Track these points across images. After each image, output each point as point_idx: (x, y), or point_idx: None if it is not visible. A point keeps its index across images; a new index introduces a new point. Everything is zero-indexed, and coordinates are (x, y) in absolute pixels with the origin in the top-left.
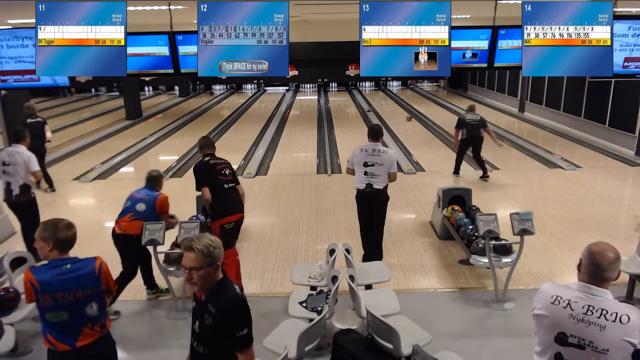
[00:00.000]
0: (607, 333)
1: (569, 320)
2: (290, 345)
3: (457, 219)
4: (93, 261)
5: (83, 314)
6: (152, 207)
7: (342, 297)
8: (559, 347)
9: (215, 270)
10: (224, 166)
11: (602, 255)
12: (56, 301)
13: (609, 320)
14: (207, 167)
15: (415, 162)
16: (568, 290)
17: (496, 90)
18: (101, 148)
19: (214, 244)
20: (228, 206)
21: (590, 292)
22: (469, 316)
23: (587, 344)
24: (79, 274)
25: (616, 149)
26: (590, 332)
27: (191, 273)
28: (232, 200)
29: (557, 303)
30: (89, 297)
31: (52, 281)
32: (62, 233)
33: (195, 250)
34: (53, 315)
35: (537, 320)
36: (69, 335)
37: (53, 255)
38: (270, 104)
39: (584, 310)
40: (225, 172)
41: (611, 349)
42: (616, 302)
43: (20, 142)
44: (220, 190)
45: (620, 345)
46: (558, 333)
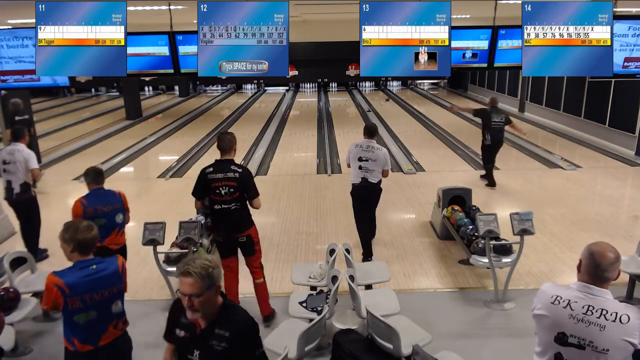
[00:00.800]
0: (607, 333)
1: (569, 320)
2: (290, 345)
3: (457, 219)
4: (115, 260)
5: (110, 312)
6: (124, 211)
7: (342, 297)
8: (559, 347)
9: (215, 292)
10: (223, 184)
11: (602, 255)
12: (85, 302)
13: (609, 320)
14: (203, 179)
15: (415, 162)
16: (568, 290)
17: (496, 90)
18: (101, 148)
19: (211, 263)
20: (216, 225)
21: (590, 292)
22: (469, 316)
23: (587, 344)
24: (105, 273)
25: (616, 149)
26: (590, 332)
27: (192, 300)
28: (222, 221)
29: (557, 303)
30: (115, 295)
31: (80, 283)
32: (81, 235)
33: (193, 274)
34: (82, 316)
35: (537, 320)
36: (94, 335)
37: (76, 257)
38: (270, 104)
39: (584, 310)
40: (220, 191)
41: (611, 349)
42: (616, 302)
43: (19, 140)
44: (212, 208)
45: (620, 345)
46: (558, 333)
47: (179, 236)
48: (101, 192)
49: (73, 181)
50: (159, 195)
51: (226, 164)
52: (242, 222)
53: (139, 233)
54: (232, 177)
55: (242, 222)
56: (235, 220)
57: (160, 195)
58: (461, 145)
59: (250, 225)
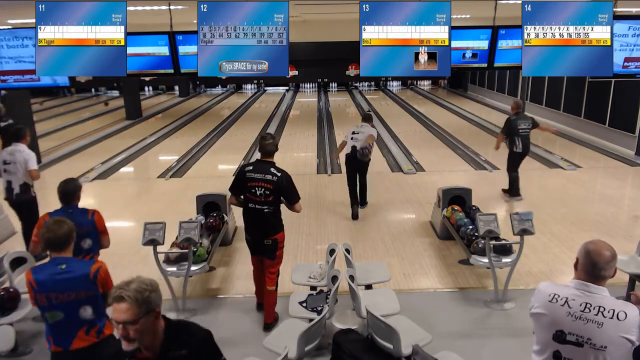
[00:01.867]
0: (605, 330)
1: (567, 317)
2: (290, 345)
3: (457, 219)
4: (90, 264)
5: (77, 316)
6: (96, 234)
7: (342, 297)
8: (557, 345)
9: (155, 318)
10: (259, 184)
11: (599, 253)
12: (50, 301)
13: (606, 317)
14: (241, 176)
15: (415, 162)
16: (565, 289)
17: (496, 90)
18: (101, 148)
19: (148, 287)
20: (246, 224)
21: (588, 289)
22: (469, 316)
23: (585, 341)
24: (72, 275)
25: (616, 149)
26: (588, 330)
27: (126, 328)
28: (252, 221)
29: (555, 301)
30: (83, 300)
31: (47, 280)
32: (47, 233)
33: (127, 299)
34: (49, 315)
35: (535, 319)
36: (64, 337)
37: (53, 254)
38: (270, 104)
39: (581, 307)
40: (256, 191)
41: (609, 345)
42: (613, 299)
43: (20, 141)
44: (245, 207)
45: (618, 341)
46: (556, 331)
47: (179, 236)
48: (69, 212)
49: None
50: (159, 195)
51: (266, 165)
52: (272, 226)
53: (139, 233)
54: (269, 180)
55: (272, 226)
56: (265, 222)
57: (160, 195)
58: (461, 145)
59: (279, 230)
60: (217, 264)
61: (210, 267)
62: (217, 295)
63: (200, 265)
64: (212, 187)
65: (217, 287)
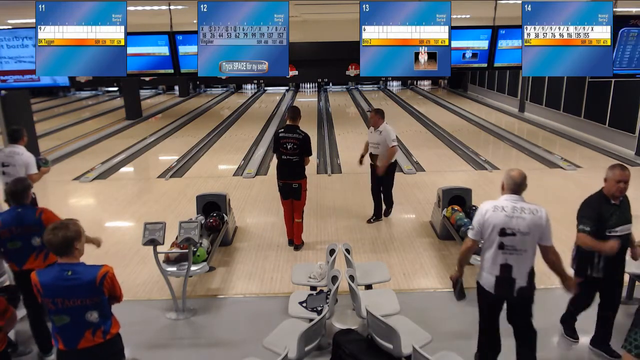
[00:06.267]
0: (527, 221)
1: (505, 218)
2: (290, 345)
3: (457, 219)
4: (96, 270)
5: (84, 319)
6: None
7: (342, 297)
8: (501, 238)
9: None
10: (288, 140)
11: (517, 175)
12: (56, 305)
13: (527, 214)
14: (276, 136)
15: (415, 162)
16: (501, 201)
17: (496, 90)
18: (101, 148)
19: None
20: (280, 172)
21: (514, 199)
22: (469, 316)
23: (517, 231)
24: (78, 282)
25: (616, 149)
26: (518, 223)
27: None
28: (284, 169)
29: (497, 210)
30: (88, 306)
31: (52, 286)
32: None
33: None
34: (56, 319)
35: (484, 226)
36: (71, 338)
37: (58, 260)
38: (270, 104)
39: (513, 210)
40: (286, 146)
41: (530, 231)
42: (530, 203)
43: (17, 142)
44: (279, 159)
45: (535, 228)
46: (500, 229)
47: (179, 236)
48: (18, 212)
49: (73, 181)
50: (159, 195)
51: (293, 128)
52: (298, 173)
53: (139, 233)
54: (296, 137)
55: (298, 173)
56: (293, 169)
57: (160, 195)
58: (461, 145)
59: (303, 176)
60: (217, 264)
61: (210, 267)
62: (217, 295)
63: (200, 265)
64: (212, 187)
65: (217, 287)
